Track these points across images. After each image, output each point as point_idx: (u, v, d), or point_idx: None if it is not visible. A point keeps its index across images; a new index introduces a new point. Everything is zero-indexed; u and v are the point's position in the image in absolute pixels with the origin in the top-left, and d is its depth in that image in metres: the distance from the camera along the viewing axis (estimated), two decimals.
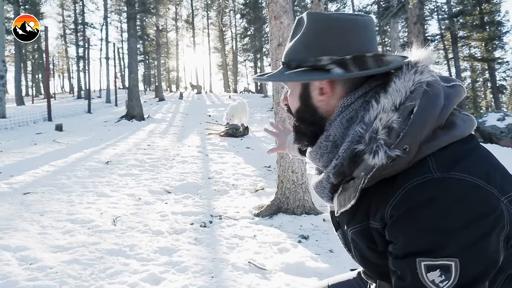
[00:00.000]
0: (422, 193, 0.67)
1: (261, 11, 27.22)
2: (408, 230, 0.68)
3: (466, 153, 0.71)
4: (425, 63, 0.78)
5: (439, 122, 0.73)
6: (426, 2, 18.25)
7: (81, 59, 30.08)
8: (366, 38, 0.80)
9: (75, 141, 8.81)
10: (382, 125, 0.71)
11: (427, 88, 0.73)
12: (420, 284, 0.67)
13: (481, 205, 0.65)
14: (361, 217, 0.80)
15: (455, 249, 0.64)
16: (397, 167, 0.71)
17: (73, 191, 4.68)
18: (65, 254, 2.81)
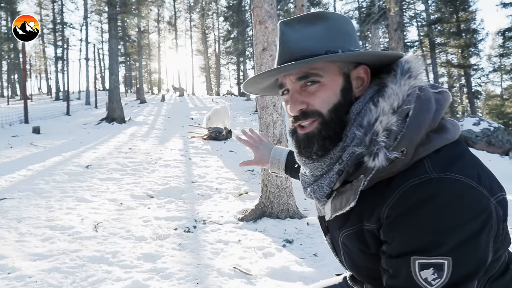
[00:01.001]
0: (419, 193, 0.68)
1: (244, 14, 27.29)
2: (405, 229, 0.69)
3: (459, 155, 0.74)
4: (417, 68, 0.80)
5: (432, 125, 0.75)
6: (406, 9, 18.67)
7: (60, 60, 29.34)
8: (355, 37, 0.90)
9: (53, 144, 8.58)
10: (382, 127, 0.73)
11: (420, 93, 0.76)
12: (412, 282, 0.68)
13: (474, 205, 0.67)
14: (354, 220, 0.81)
15: (449, 248, 0.66)
16: (394, 169, 0.73)
17: (52, 196, 4.56)
18: (44, 262, 2.73)
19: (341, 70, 0.82)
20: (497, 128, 13.41)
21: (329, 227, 0.95)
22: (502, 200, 0.72)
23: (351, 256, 0.87)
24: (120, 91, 14.74)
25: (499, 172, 9.05)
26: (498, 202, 0.71)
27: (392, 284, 0.73)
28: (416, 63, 0.81)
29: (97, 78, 22.08)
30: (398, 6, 11.07)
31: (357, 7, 23.62)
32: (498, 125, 13.63)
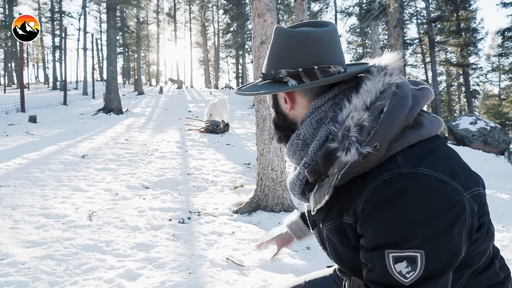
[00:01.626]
0: (391, 187, 0.71)
1: (244, 8, 27.13)
2: (377, 223, 0.71)
3: (432, 151, 0.76)
4: (394, 66, 0.83)
5: (407, 121, 0.77)
6: (406, 7, 18.64)
7: (57, 49, 29.10)
8: (318, 50, 0.85)
9: (49, 133, 8.55)
10: (353, 123, 0.75)
11: (396, 90, 0.78)
12: (388, 275, 0.70)
13: (445, 199, 0.69)
14: (335, 214, 0.83)
15: (421, 241, 0.68)
16: (369, 164, 0.75)
17: (47, 185, 4.56)
18: (38, 249, 2.73)
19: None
20: (493, 127, 13.47)
21: (315, 221, 0.98)
22: (478, 195, 0.74)
23: (335, 249, 0.89)
24: (118, 82, 14.65)
25: (496, 172, 9.13)
26: (473, 196, 0.73)
27: (370, 278, 0.75)
28: (392, 61, 0.84)
29: (94, 69, 21.94)
30: (398, 3, 11.04)
31: (357, 3, 23.55)
32: (495, 125, 13.69)
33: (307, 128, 0.86)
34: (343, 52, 0.91)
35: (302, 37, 0.85)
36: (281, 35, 0.87)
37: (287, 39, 0.86)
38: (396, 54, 0.85)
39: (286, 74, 0.85)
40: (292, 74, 0.84)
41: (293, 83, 0.84)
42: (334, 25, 0.89)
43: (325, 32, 0.85)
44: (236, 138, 9.94)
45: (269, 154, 4.27)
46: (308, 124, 0.86)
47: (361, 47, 29.09)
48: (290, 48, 0.86)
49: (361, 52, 28.78)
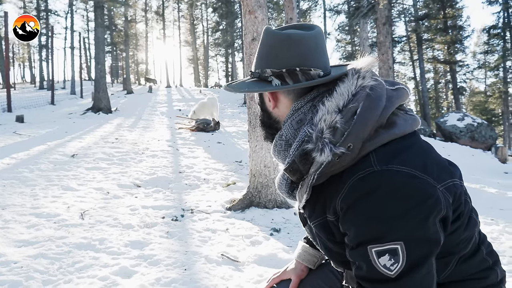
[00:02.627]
0: (364, 185, 0.74)
1: (234, 6, 27.02)
2: (356, 221, 0.75)
3: (404, 148, 0.79)
4: (367, 68, 0.86)
5: (380, 121, 0.80)
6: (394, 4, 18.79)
7: (44, 48, 28.63)
8: (302, 52, 0.88)
9: (37, 133, 8.43)
10: (326, 125, 0.79)
11: (370, 92, 0.81)
12: (374, 270, 0.74)
13: (417, 193, 0.73)
14: (319, 212, 0.87)
15: (399, 233, 0.71)
16: (344, 163, 0.78)
17: (37, 185, 4.50)
18: (30, 248, 2.70)
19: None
20: (480, 124, 13.70)
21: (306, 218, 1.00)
22: (452, 186, 0.78)
23: (325, 245, 0.92)
24: (107, 81, 14.49)
25: (483, 167, 9.27)
26: (447, 188, 0.76)
27: (359, 275, 0.78)
28: (366, 64, 0.87)
29: (82, 68, 21.66)
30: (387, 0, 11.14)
31: (346, 1, 23.67)
32: (482, 121, 13.93)
33: (288, 129, 0.90)
34: (327, 56, 0.93)
35: (287, 39, 0.88)
36: (269, 36, 0.90)
37: (273, 40, 0.89)
38: (370, 58, 0.89)
39: (270, 73, 0.88)
40: (276, 74, 0.87)
41: (276, 83, 0.87)
42: (320, 29, 0.92)
43: (309, 36, 0.88)
44: (227, 136, 9.93)
45: (262, 151, 4.28)
46: (289, 125, 0.89)
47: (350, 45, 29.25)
48: (275, 49, 0.89)
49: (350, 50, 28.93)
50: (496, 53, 24.10)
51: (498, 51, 23.68)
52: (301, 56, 0.87)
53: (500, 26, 22.59)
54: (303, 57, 0.87)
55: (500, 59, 22.81)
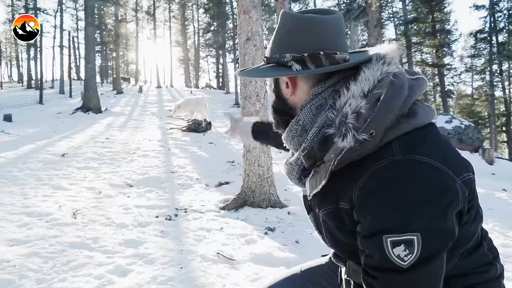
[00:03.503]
0: (386, 174, 0.73)
1: (225, 7, 26.98)
2: (374, 209, 0.73)
3: (425, 139, 0.78)
4: (393, 55, 0.84)
5: (402, 110, 0.79)
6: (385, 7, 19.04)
7: (32, 47, 28.20)
8: (324, 36, 0.85)
9: (26, 132, 8.31)
10: (351, 110, 0.76)
11: (393, 79, 0.79)
12: (387, 260, 0.73)
13: (439, 185, 0.72)
14: (331, 199, 0.85)
15: (417, 225, 0.71)
16: (364, 150, 0.77)
17: (27, 184, 4.43)
18: (23, 247, 2.66)
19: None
20: (468, 126, 13.90)
21: (312, 206, 0.99)
22: (468, 180, 0.77)
23: (331, 233, 0.90)
24: (96, 81, 14.32)
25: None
26: (464, 181, 0.76)
27: (369, 263, 0.77)
28: (391, 50, 0.85)
29: (71, 67, 21.37)
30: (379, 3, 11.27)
31: (337, 3, 23.84)
32: (469, 123, 14.14)
33: (306, 114, 0.87)
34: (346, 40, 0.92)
35: (308, 22, 0.85)
36: (288, 19, 0.87)
37: (294, 23, 0.86)
38: (395, 44, 0.87)
39: (290, 58, 0.85)
40: (297, 59, 0.84)
41: (297, 68, 0.84)
42: (340, 14, 0.90)
43: (331, 19, 0.86)
44: (219, 136, 9.91)
45: (256, 151, 4.28)
46: (308, 110, 0.87)
47: None
48: (295, 33, 0.86)
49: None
50: (482, 57, 24.52)
51: (484, 55, 24.10)
52: (324, 40, 0.84)
53: (486, 30, 23.02)
54: (326, 41, 0.84)
55: (487, 63, 23.23)
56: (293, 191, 5.12)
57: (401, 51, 0.86)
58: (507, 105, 24.43)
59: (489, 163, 11.03)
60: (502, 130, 25.33)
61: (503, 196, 6.44)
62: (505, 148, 26.14)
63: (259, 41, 4.37)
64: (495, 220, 4.43)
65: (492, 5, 22.28)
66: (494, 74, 23.40)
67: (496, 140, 23.80)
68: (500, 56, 22.52)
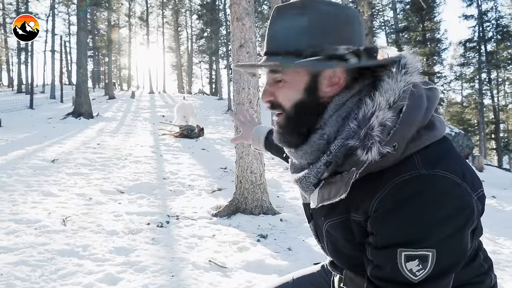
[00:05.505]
0: (409, 188, 0.71)
1: (218, 13, 27.08)
2: (394, 223, 0.71)
3: (446, 152, 0.77)
4: (414, 65, 0.80)
5: (423, 122, 0.76)
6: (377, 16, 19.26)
7: (23, 51, 27.99)
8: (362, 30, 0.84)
9: (15, 137, 8.20)
10: (378, 122, 0.73)
11: (414, 89, 0.77)
12: (398, 273, 0.71)
13: (459, 201, 0.70)
14: (341, 210, 0.82)
15: (435, 241, 0.69)
16: (385, 163, 0.74)
17: (16, 190, 4.36)
18: (10, 255, 2.60)
19: (307, 70, 0.80)
20: (457, 133, 14.07)
21: (313, 215, 0.96)
22: (482, 196, 0.76)
23: (334, 244, 0.88)
24: (88, 86, 14.23)
25: None
26: (479, 198, 0.74)
27: (378, 275, 0.75)
28: (412, 59, 0.81)
29: (63, 72, 21.18)
30: (370, 11, 11.39)
31: None
32: (459, 131, 14.31)
33: (333, 126, 0.80)
34: None
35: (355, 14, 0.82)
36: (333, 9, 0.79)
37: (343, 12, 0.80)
38: (414, 53, 0.83)
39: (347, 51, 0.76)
40: (355, 52, 0.76)
41: (354, 61, 0.76)
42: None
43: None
44: (212, 143, 9.89)
45: (248, 157, 4.28)
46: (334, 122, 0.80)
47: None
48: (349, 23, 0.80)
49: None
50: (472, 65, 24.94)
51: (473, 64, 24.52)
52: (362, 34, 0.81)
53: (475, 39, 23.47)
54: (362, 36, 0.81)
55: (476, 71, 23.63)
56: (286, 198, 5.12)
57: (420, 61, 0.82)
58: (496, 113, 24.81)
59: (478, 170, 11.17)
60: (491, 137, 25.68)
61: (493, 203, 6.51)
62: (494, 155, 26.52)
63: (252, 48, 4.39)
64: (485, 227, 4.41)
65: (481, 15, 22.75)
66: (483, 83, 23.78)
67: (486, 147, 24.12)
68: (488, 64, 22.94)
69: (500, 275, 2.88)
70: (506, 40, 22.48)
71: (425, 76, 23.11)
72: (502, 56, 23.07)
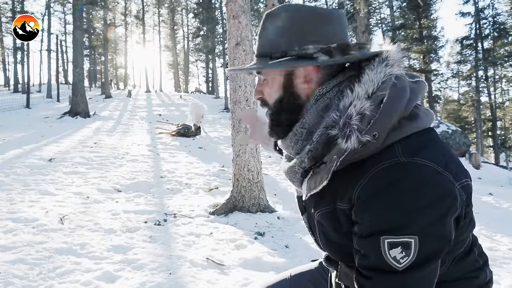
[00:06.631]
0: (388, 176, 0.73)
1: (215, 12, 27.00)
2: (374, 210, 0.73)
3: (427, 142, 0.79)
4: (395, 57, 0.83)
5: (405, 112, 0.79)
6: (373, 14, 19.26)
7: (19, 50, 27.85)
8: (342, 29, 0.87)
9: (12, 136, 8.18)
10: (356, 111, 0.76)
11: (396, 81, 0.79)
12: (382, 261, 0.73)
13: (440, 189, 0.72)
14: (328, 200, 0.84)
15: (416, 228, 0.71)
16: (366, 152, 0.76)
17: (13, 189, 4.36)
18: (8, 253, 2.61)
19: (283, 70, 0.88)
20: (454, 131, 14.13)
21: (306, 207, 0.98)
22: (466, 186, 0.77)
23: (325, 234, 0.90)
24: (84, 85, 14.18)
25: None
26: (463, 187, 0.76)
27: (364, 264, 0.77)
28: (394, 52, 0.84)
29: (59, 71, 21.11)
30: (367, 9, 11.41)
31: None
32: (456, 128, 14.37)
33: (313, 115, 0.85)
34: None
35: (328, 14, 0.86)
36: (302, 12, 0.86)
37: (311, 14, 0.85)
38: (397, 46, 0.86)
39: (316, 49, 0.81)
40: (324, 50, 0.81)
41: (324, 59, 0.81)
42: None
43: (343, 14, 0.88)
44: (208, 141, 9.89)
45: (245, 155, 4.29)
46: (314, 111, 0.85)
47: None
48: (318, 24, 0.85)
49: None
50: (468, 63, 24.99)
51: (470, 61, 24.58)
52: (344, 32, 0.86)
53: (472, 37, 23.51)
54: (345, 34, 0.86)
55: (473, 69, 23.68)
56: (283, 195, 5.13)
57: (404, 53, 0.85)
58: (492, 110, 24.90)
59: (475, 167, 11.22)
60: (488, 135, 25.79)
61: (490, 200, 6.55)
62: (491, 153, 26.62)
63: (249, 46, 4.39)
64: (482, 224, 4.50)
65: (478, 12, 22.79)
66: (480, 80, 23.85)
67: (483, 144, 24.20)
68: (485, 62, 22.99)
69: (497, 271, 2.91)
70: (503, 38, 22.53)
71: (422, 74, 23.18)
72: (499, 53, 23.12)
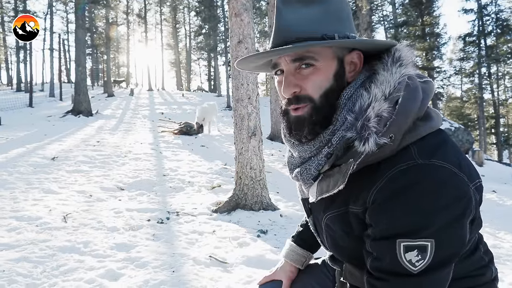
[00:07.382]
0: (406, 178, 0.71)
1: (216, 10, 26.96)
2: (390, 213, 0.72)
3: (441, 143, 0.77)
4: (408, 57, 0.83)
5: (419, 113, 0.77)
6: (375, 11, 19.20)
7: (22, 50, 27.93)
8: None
9: (16, 135, 8.20)
10: (374, 113, 0.74)
11: (409, 81, 0.78)
12: (397, 264, 0.71)
13: (456, 190, 0.71)
14: (340, 203, 0.83)
15: (433, 230, 0.69)
16: (382, 154, 0.75)
17: (17, 188, 4.37)
18: (12, 252, 2.62)
19: (336, 55, 0.81)
20: (457, 128, 14.08)
21: (312, 209, 0.97)
22: (479, 187, 0.76)
23: (333, 237, 0.89)
24: (87, 84, 14.21)
25: None
26: (476, 188, 0.75)
27: (377, 266, 0.75)
28: (407, 52, 0.83)
29: (61, 70, 21.13)
30: (369, 6, 11.38)
31: None
32: (459, 126, 14.32)
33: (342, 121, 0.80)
34: None
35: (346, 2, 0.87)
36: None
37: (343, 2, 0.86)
38: (409, 46, 0.85)
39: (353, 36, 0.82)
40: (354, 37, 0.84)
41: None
42: None
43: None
44: (211, 139, 9.89)
45: (248, 153, 4.29)
46: (344, 117, 0.80)
47: None
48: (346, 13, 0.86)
49: None
50: (471, 60, 24.90)
51: (473, 58, 24.48)
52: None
53: (475, 34, 23.42)
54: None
55: (475, 66, 23.60)
56: (285, 193, 5.13)
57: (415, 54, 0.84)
58: (495, 107, 24.81)
59: (478, 165, 11.19)
60: (491, 132, 25.69)
61: (493, 198, 6.53)
62: (494, 150, 26.54)
63: (251, 43, 4.38)
64: (486, 221, 4.48)
65: (480, 9, 22.68)
66: (482, 77, 23.75)
67: (486, 142, 24.13)
68: (488, 59, 22.89)
69: (500, 269, 2.90)
70: (506, 34, 22.43)
71: (425, 71, 23.11)
72: (502, 50, 23.02)
